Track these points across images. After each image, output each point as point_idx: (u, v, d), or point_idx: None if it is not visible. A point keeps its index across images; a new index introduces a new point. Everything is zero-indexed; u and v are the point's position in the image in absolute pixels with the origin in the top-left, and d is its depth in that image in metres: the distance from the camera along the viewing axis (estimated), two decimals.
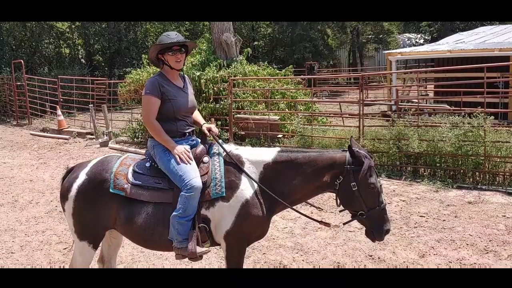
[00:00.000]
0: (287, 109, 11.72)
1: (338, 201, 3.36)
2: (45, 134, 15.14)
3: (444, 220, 6.13)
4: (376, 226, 3.29)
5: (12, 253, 5.49)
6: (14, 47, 25.38)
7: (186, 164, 3.37)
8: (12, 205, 7.44)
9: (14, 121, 18.82)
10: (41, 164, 10.60)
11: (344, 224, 3.57)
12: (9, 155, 11.93)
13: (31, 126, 17.10)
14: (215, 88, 11.40)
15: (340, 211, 3.57)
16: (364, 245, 5.36)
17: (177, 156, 3.39)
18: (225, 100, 11.14)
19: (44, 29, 26.81)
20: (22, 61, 18.64)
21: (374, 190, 3.24)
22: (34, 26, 26.38)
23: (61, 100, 16.94)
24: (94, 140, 13.35)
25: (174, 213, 3.29)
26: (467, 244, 5.33)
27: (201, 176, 3.37)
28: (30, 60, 24.77)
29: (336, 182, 3.28)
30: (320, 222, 3.56)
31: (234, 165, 3.43)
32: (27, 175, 9.54)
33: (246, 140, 10.50)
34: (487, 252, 5.10)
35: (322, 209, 4.00)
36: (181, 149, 3.44)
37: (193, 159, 3.45)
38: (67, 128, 15.03)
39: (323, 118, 12.40)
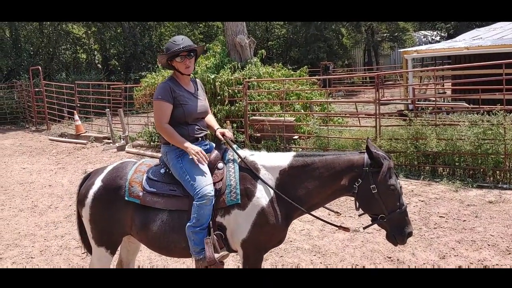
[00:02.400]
0: (302, 110, 11.67)
1: (357, 204, 3.29)
2: (63, 139, 15.34)
3: (464, 221, 6.02)
4: (398, 229, 3.20)
5: (32, 258, 5.55)
6: (32, 53, 25.80)
7: (203, 164, 3.35)
8: (31, 210, 7.53)
9: (33, 127, 19.12)
10: (60, 169, 10.73)
11: (364, 228, 3.50)
12: (28, 161, 12.11)
13: (50, 132, 17.35)
14: (230, 91, 11.40)
15: (360, 215, 3.51)
16: (383, 246, 5.29)
17: (193, 156, 3.35)
18: (240, 102, 11.14)
19: (61, 35, 27.26)
20: (39, 67, 18.92)
21: (394, 192, 3.16)
22: (51, 33, 26.81)
23: (78, 105, 17.16)
24: (111, 144, 13.47)
25: (188, 224, 3.26)
26: (489, 245, 5.22)
27: (215, 182, 3.34)
28: (47, 66, 25.19)
29: (355, 185, 3.20)
30: (340, 227, 3.50)
31: (249, 171, 3.38)
32: (46, 180, 9.67)
33: (262, 142, 10.48)
34: (510, 253, 4.99)
35: (340, 213, 3.95)
36: (197, 148, 3.40)
37: (207, 159, 3.41)
38: (85, 133, 15.21)
39: (339, 119, 12.32)
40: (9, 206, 7.81)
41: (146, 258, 5.29)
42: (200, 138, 3.62)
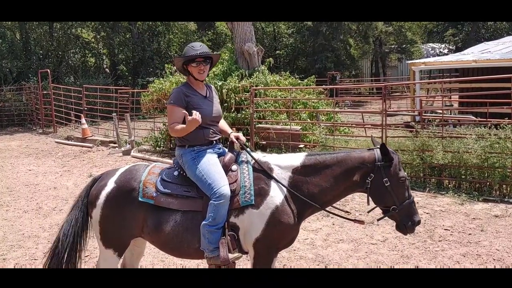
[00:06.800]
0: (308, 119, 11.67)
1: (370, 199, 3.41)
2: (69, 142, 15.42)
3: (469, 234, 5.98)
4: (408, 218, 3.38)
5: (35, 259, 5.56)
6: (41, 56, 25.99)
7: (200, 118, 3.36)
8: (36, 212, 7.55)
9: (40, 129, 19.23)
10: (65, 172, 10.76)
11: (378, 220, 3.66)
12: (34, 163, 12.16)
13: (56, 134, 17.44)
14: (237, 98, 11.42)
15: (368, 211, 3.71)
16: (387, 258, 5.26)
17: (192, 118, 3.35)
18: (247, 110, 11.16)
19: (70, 39, 27.44)
20: (48, 70, 19.04)
21: (404, 183, 3.38)
22: (61, 36, 26.99)
23: (86, 108, 17.23)
24: (116, 148, 13.51)
25: (203, 222, 3.31)
26: (494, 259, 5.18)
27: (230, 184, 3.40)
28: (56, 70, 25.33)
29: (368, 180, 3.35)
30: (354, 220, 3.69)
31: (263, 172, 3.46)
32: (51, 182, 9.70)
33: (268, 150, 10.48)
34: None
35: (350, 213, 4.06)
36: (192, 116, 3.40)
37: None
38: (91, 136, 15.27)
39: (345, 129, 12.30)
40: (14, 207, 7.84)
41: (149, 263, 5.27)
42: (214, 142, 3.69)
